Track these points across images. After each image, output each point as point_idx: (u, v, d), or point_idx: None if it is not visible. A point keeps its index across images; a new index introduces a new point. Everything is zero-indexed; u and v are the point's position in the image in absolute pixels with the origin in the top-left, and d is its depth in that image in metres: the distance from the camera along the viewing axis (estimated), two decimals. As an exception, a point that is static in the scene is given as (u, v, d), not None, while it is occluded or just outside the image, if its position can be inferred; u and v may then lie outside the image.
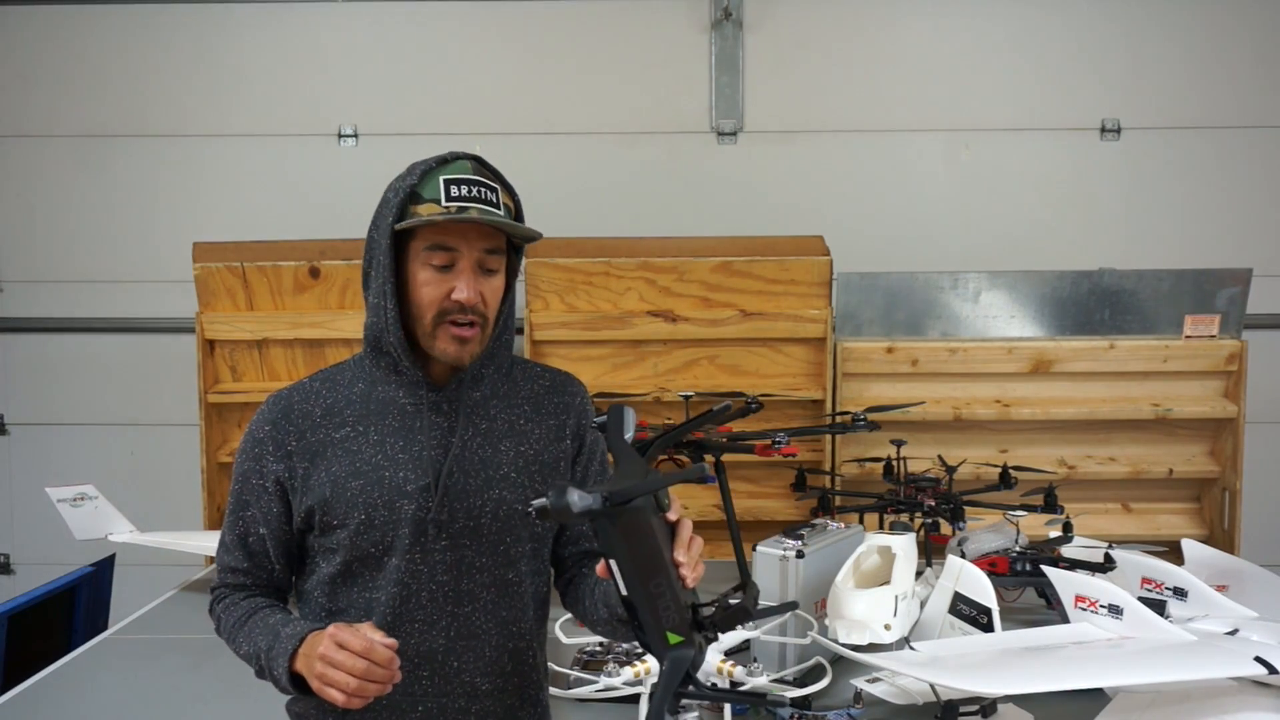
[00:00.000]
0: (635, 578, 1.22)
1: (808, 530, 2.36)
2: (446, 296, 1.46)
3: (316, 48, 4.10)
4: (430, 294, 1.46)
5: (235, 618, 1.53)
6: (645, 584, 1.22)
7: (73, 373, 4.20)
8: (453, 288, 1.46)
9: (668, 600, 1.22)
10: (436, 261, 1.46)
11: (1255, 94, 4.01)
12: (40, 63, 4.12)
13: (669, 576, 1.23)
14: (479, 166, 1.49)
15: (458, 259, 1.46)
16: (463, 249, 1.46)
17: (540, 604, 1.62)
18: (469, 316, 1.47)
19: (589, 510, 1.19)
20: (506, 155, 4.67)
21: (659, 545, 1.23)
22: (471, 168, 1.48)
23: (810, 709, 1.98)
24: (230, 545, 1.57)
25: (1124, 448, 3.61)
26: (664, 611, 1.22)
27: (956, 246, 4.03)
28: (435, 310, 1.47)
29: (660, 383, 3.58)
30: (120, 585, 3.33)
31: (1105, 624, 1.96)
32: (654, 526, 1.24)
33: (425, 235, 1.46)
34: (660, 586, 1.22)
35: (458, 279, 1.46)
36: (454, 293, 1.46)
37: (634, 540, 1.22)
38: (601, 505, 1.19)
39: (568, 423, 1.62)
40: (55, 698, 2.29)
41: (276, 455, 1.51)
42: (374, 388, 1.54)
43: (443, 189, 1.44)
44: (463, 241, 1.46)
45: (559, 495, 1.19)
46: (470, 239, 1.46)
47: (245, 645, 1.50)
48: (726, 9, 3.99)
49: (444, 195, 1.44)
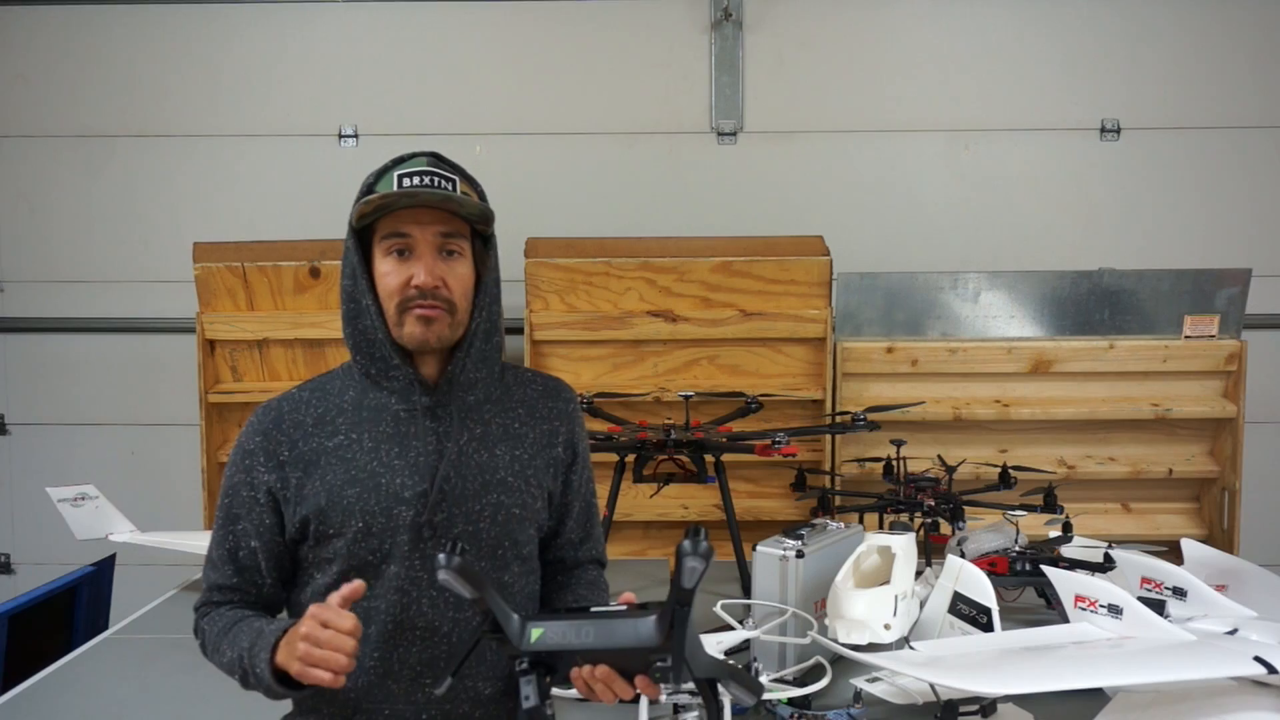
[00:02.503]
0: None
1: (808, 530, 2.36)
2: (407, 284, 1.47)
3: (316, 48, 4.10)
4: (392, 283, 1.48)
5: (219, 627, 1.49)
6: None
7: (73, 373, 4.19)
8: (412, 274, 1.47)
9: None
10: (393, 248, 1.47)
11: (1255, 94, 4.01)
12: (40, 63, 4.12)
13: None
14: (436, 160, 1.50)
15: (414, 244, 1.47)
16: (416, 233, 1.47)
17: (533, 604, 1.62)
18: (430, 301, 1.47)
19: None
20: (506, 155, 4.68)
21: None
22: (427, 161, 1.49)
23: (810, 709, 1.98)
24: (219, 561, 1.53)
25: (1124, 448, 3.61)
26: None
27: (956, 246, 4.03)
28: (399, 298, 1.47)
29: (660, 383, 3.58)
30: (120, 585, 3.33)
31: (1105, 624, 1.96)
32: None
33: (382, 226, 1.47)
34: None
35: (416, 264, 1.47)
36: (413, 279, 1.46)
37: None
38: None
39: (560, 429, 1.63)
40: (55, 698, 2.29)
41: (268, 465, 1.50)
42: (365, 395, 1.54)
43: (396, 181, 1.46)
44: (416, 226, 1.47)
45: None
46: (424, 222, 1.47)
47: (228, 651, 1.45)
48: (726, 9, 3.99)
49: (396, 186, 1.46)
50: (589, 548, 1.71)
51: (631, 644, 1.23)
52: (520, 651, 1.25)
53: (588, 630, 1.25)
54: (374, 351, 1.51)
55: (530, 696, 1.24)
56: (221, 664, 1.48)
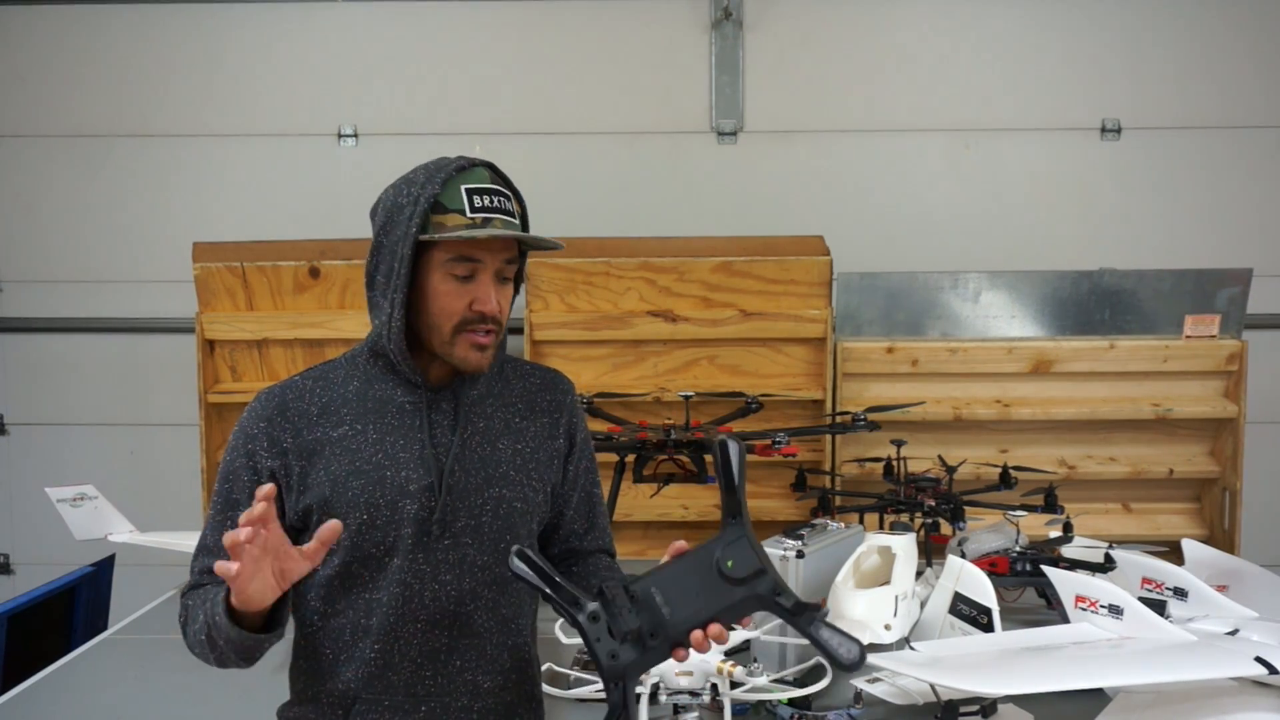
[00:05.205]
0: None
1: (808, 530, 2.36)
2: (468, 307, 1.46)
3: (316, 48, 4.10)
4: (452, 304, 1.46)
5: (199, 598, 1.45)
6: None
7: (73, 373, 4.19)
8: (474, 298, 1.46)
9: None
10: (459, 272, 1.46)
11: (1255, 94, 4.01)
12: (40, 63, 4.12)
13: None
14: (495, 175, 1.49)
15: (479, 270, 1.46)
16: (486, 260, 1.46)
17: (532, 599, 1.62)
18: (488, 326, 1.47)
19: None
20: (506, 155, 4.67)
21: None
22: (489, 177, 1.47)
23: (810, 709, 1.97)
24: (213, 548, 1.49)
25: (1124, 448, 3.60)
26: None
27: (956, 246, 4.02)
28: (457, 320, 1.47)
29: (660, 383, 3.58)
30: (120, 585, 3.33)
31: (1105, 624, 1.95)
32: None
33: (449, 246, 1.45)
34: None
35: (479, 290, 1.46)
36: (475, 304, 1.46)
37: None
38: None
39: (560, 420, 1.63)
40: (55, 698, 2.28)
41: (272, 452, 1.50)
42: (370, 386, 1.53)
43: (465, 199, 1.44)
44: (487, 253, 1.46)
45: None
46: (494, 250, 1.46)
47: (200, 615, 1.41)
48: (726, 9, 3.99)
49: (468, 206, 1.44)
50: (595, 537, 1.70)
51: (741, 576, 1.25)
52: (631, 629, 1.25)
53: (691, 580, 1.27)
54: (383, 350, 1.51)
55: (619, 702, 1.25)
56: (195, 635, 1.43)
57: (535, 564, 1.28)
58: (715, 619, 1.26)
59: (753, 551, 1.26)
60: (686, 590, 1.26)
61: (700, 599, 1.26)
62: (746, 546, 1.25)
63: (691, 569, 1.28)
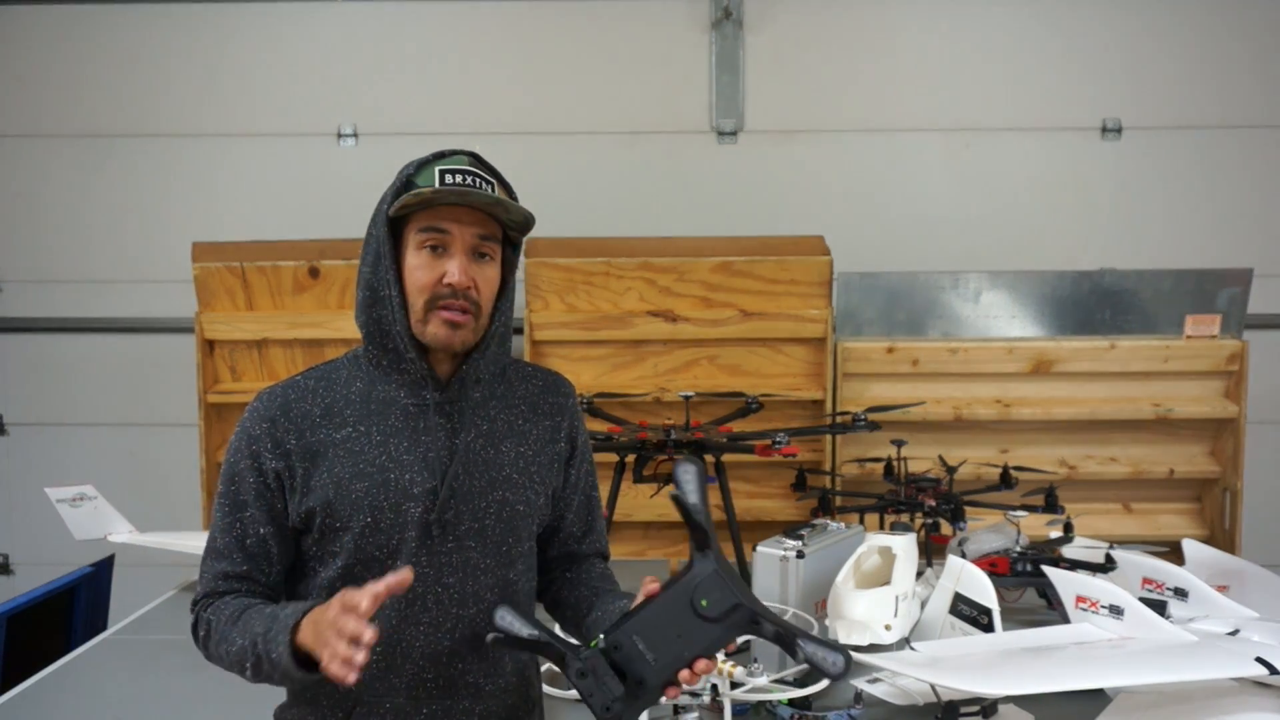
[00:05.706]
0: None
1: (808, 530, 2.36)
2: (439, 280, 1.45)
3: (316, 48, 4.10)
4: (422, 277, 1.46)
5: (226, 615, 1.43)
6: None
7: (73, 373, 4.19)
8: (444, 271, 1.45)
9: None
10: (428, 242, 1.45)
11: (1255, 94, 4.01)
12: (40, 63, 4.12)
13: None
14: (475, 160, 1.50)
15: (449, 241, 1.46)
16: (455, 231, 1.46)
17: (532, 601, 1.63)
18: (460, 301, 1.46)
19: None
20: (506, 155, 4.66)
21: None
22: (468, 161, 1.48)
23: (810, 709, 1.97)
24: (225, 550, 1.48)
25: (1125, 448, 3.60)
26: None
27: (956, 246, 4.02)
28: (428, 294, 1.46)
29: (660, 383, 3.58)
30: (120, 585, 3.33)
31: (1106, 624, 1.95)
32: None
33: (418, 219, 1.46)
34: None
35: (449, 262, 1.45)
36: (445, 276, 1.45)
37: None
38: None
39: (562, 424, 1.63)
40: (55, 698, 2.28)
41: (275, 453, 1.49)
42: (373, 386, 1.53)
43: (438, 177, 1.44)
44: (455, 224, 1.45)
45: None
46: (463, 222, 1.46)
47: (238, 639, 1.38)
48: (726, 9, 3.99)
49: (438, 182, 1.44)
50: (591, 541, 1.70)
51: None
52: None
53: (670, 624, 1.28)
54: (388, 343, 1.50)
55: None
56: (228, 654, 1.41)
57: (518, 626, 1.31)
58: (700, 656, 1.28)
59: (725, 586, 1.27)
60: (667, 634, 1.28)
61: (681, 641, 1.27)
62: (718, 582, 1.27)
63: (668, 610, 1.29)
